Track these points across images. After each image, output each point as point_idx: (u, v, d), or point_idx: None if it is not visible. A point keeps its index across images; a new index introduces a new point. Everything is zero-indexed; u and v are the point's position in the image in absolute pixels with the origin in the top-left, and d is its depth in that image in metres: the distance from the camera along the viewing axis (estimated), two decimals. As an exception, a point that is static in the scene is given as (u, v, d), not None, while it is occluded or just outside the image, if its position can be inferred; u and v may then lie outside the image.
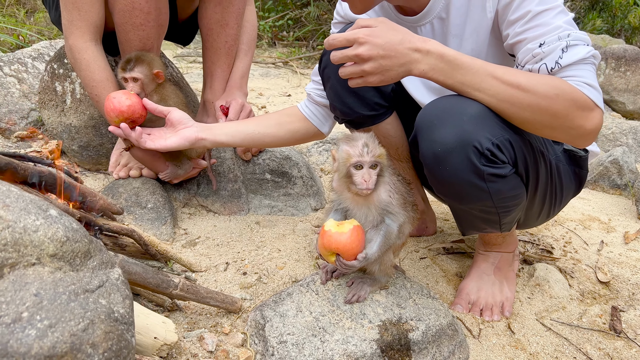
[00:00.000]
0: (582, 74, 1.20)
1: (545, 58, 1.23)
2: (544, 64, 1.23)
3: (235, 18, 2.13)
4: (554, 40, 1.21)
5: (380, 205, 1.33)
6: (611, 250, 2.06)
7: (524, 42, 1.26)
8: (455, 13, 1.41)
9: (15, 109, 2.51)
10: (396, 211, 1.32)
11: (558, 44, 1.21)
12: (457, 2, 1.39)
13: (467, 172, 1.23)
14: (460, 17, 1.41)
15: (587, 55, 1.21)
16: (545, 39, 1.22)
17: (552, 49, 1.21)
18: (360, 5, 1.40)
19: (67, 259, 0.88)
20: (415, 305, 1.45)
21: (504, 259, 1.71)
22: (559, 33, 1.22)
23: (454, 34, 1.43)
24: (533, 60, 1.25)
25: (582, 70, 1.21)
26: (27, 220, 0.86)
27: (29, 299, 0.79)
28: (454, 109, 1.24)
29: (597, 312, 1.70)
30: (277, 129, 1.77)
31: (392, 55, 1.24)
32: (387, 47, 1.22)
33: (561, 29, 1.22)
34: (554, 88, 1.19)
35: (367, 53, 1.23)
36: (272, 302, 1.44)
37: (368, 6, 1.40)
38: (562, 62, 1.20)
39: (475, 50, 1.41)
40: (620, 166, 2.58)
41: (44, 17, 4.65)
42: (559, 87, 1.19)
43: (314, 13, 5.63)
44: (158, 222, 1.88)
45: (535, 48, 1.23)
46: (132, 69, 1.76)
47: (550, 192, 1.48)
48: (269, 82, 4.52)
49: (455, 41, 1.44)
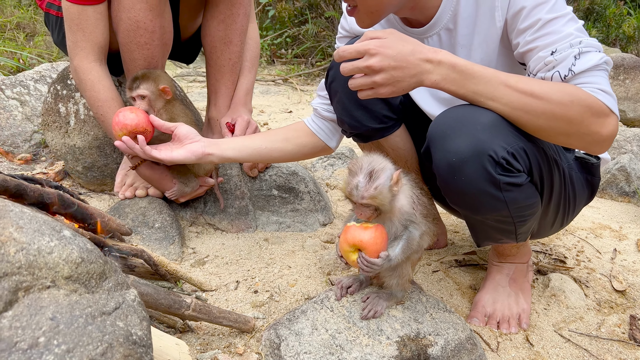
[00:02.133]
0: (596, 80, 1.19)
1: (558, 66, 1.22)
2: (557, 71, 1.22)
3: (239, 35, 2.13)
4: (566, 47, 1.21)
5: (403, 217, 1.30)
6: (625, 259, 2.03)
7: (535, 51, 1.25)
8: (463, 23, 1.40)
9: (17, 131, 2.50)
10: (419, 221, 1.30)
11: (570, 51, 1.20)
12: (465, 12, 1.39)
13: (482, 182, 1.21)
14: (468, 27, 1.40)
15: (599, 61, 1.20)
16: (557, 47, 1.21)
17: (564, 56, 1.20)
18: (368, 20, 1.39)
19: (83, 280, 0.86)
20: (433, 319, 1.42)
21: (519, 270, 1.68)
22: (571, 40, 1.21)
23: (462, 44, 1.42)
24: (545, 68, 1.24)
25: (596, 76, 1.20)
26: (41, 241, 0.83)
27: (45, 324, 0.77)
28: (467, 118, 1.22)
29: (616, 321, 1.67)
30: (285, 144, 1.76)
31: (403, 66, 1.23)
32: (398, 58, 1.21)
33: (572, 36, 1.21)
34: (569, 95, 1.18)
35: (378, 64, 1.21)
36: (286, 321, 1.41)
37: (375, 20, 1.39)
38: (575, 69, 1.19)
39: (484, 60, 1.40)
40: (628, 173, 2.56)
41: (43, 40, 4.67)
42: (573, 93, 1.18)
43: (312, 30, 5.66)
44: (166, 241, 1.85)
45: (547, 56, 1.23)
46: (138, 86, 1.75)
47: (564, 200, 1.46)
48: (270, 99, 4.52)
49: (463, 51, 1.43)
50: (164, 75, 1.84)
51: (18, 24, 4.70)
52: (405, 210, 1.29)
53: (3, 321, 0.75)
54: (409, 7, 1.41)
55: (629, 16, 6.74)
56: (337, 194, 2.51)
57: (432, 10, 1.42)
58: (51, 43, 4.76)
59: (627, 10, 6.94)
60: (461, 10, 1.39)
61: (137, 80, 1.76)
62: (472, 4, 1.37)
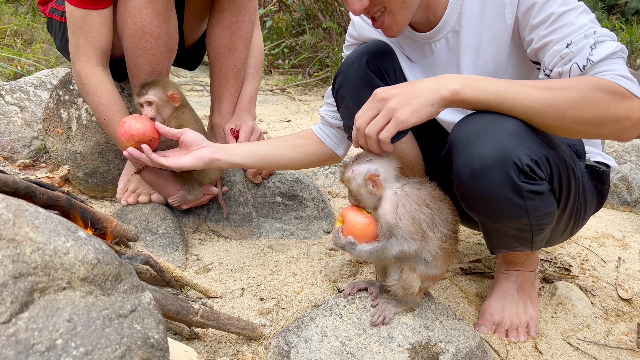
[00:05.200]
0: (615, 67, 1.18)
1: (575, 57, 1.21)
2: (574, 63, 1.21)
3: (244, 42, 2.13)
4: (581, 39, 1.20)
5: (386, 225, 1.29)
6: (629, 267, 2.03)
7: (550, 45, 1.25)
8: (467, 24, 1.40)
9: (17, 137, 2.47)
10: (401, 236, 1.27)
11: (586, 42, 1.20)
12: (469, 12, 1.38)
13: (506, 189, 1.19)
14: (472, 27, 1.39)
15: (616, 49, 1.19)
16: (572, 39, 1.21)
17: (580, 47, 1.20)
18: (401, 15, 1.36)
19: (98, 282, 0.84)
20: (443, 326, 1.41)
21: (526, 278, 1.67)
22: (585, 31, 1.21)
23: (468, 45, 1.42)
24: (562, 61, 1.23)
25: (614, 64, 1.19)
26: (57, 242, 0.81)
27: (62, 325, 0.75)
28: (491, 124, 1.21)
29: (623, 329, 1.66)
30: (293, 151, 1.75)
31: (414, 87, 1.24)
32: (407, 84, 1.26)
33: (586, 27, 1.21)
34: (588, 83, 1.17)
35: (386, 93, 1.26)
36: (294, 328, 1.39)
37: (408, 15, 1.37)
38: (593, 58, 1.19)
39: (496, 59, 1.40)
40: (629, 183, 2.57)
41: (41, 47, 4.65)
42: (591, 81, 1.17)
43: (310, 41, 5.67)
44: (170, 248, 1.83)
45: (563, 49, 1.22)
46: (146, 92, 1.74)
47: (576, 208, 1.45)
48: (268, 108, 4.52)
49: (469, 53, 1.42)
50: (173, 83, 1.83)
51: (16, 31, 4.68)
52: (386, 219, 1.28)
53: (19, 322, 0.73)
54: (423, 6, 1.41)
55: (621, 30, 6.83)
56: (339, 202, 2.50)
57: (442, 10, 1.41)
58: (49, 50, 4.74)
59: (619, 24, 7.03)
60: (465, 11, 1.39)
61: (145, 87, 1.75)
62: (477, 3, 1.37)
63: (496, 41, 1.39)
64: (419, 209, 1.28)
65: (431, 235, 1.28)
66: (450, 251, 1.33)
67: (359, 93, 1.56)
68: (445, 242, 1.31)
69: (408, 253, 1.29)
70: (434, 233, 1.29)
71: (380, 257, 1.31)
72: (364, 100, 1.56)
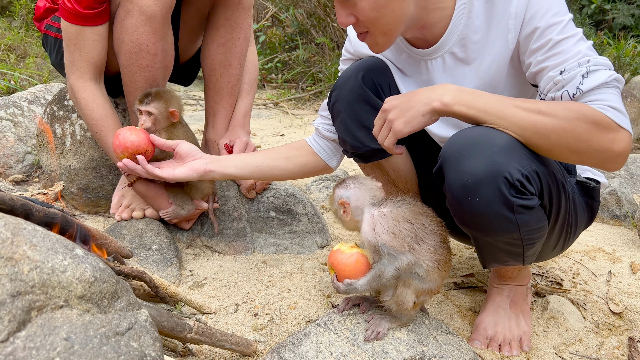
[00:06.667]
0: (605, 97, 1.21)
1: (566, 85, 1.24)
2: (565, 90, 1.24)
3: (239, 59, 2.16)
4: (574, 67, 1.23)
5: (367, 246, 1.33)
6: (620, 281, 2.06)
7: (545, 70, 1.28)
8: (474, 47, 1.43)
9: (10, 152, 2.47)
10: (388, 253, 1.28)
11: (578, 70, 1.23)
12: (475, 36, 1.42)
13: (497, 204, 1.22)
14: (478, 50, 1.43)
15: (608, 79, 1.22)
16: (565, 66, 1.24)
17: (572, 75, 1.23)
18: (383, 41, 1.41)
19: (95, 300, 0.84)
20: (437, 341, 1.41)
21: (519, 292, 1.69)
22: (579, 59, 1.24)
23: (470, 66, 1.45)
24: (555, 88, 1.27)
25: (605, 93, 1.21)
26: (54, 260, 0.82)
27: (59, 344, 0.75)
28: (482, 139, 1.23)
29: (615, 343, 1.67)
30: (286, 162, 1.77)
31: (410, 98, 1.33)
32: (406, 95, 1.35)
33: (581, 54, 1.24)
34: (574, 112, 1.20)
35: (387, 104, 1.36)
36: (289, 344, 1.39)
37: (390, 41, 1.42)
38: (583, 87, 1.22)
39: (494, 81, 1.43)
40: (619, 197, 2.61)
41: (34, 62, 4.66)
42: (578, 110, 1.20)
43: (303, 56, 5.72)
44: (164, 263, 1.83)
45: (557, 76, 1.25)
46: (149, 103, 1.75)
47: (567, 224, 1.47)
48: (261, 122, 4.54)
49: (470, 73, 1.46)
50: (176, 98, 1.83)
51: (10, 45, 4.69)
52: (366, 238, 1.31)
53: (17, 342, 0.73)
54: (418, 26, 1.44)
55: (608, 45, 6.94)
56: (333, 216, 2.51)
57: (441, 30, 1.45)
58: (42, 64, 4.75)
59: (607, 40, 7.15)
60: (471, 35, 1.42)
61: (149, 97, 1.76)
62: (483, 28, 1.40)
63: (496, 64, 1.42)
64: (399, 225, 1.29)
65: (418, 249, 1.29)
66: (443, 262, 1.34)
67: (354, 108, 1.59)
68: (436, 253, 1.31)
69: (402, 268, 1.30)
70: (421, 246, 1.30)
71: (381, 282, 1.33)
72: (359, 114, 1.59)
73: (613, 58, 6.86)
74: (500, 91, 1.44)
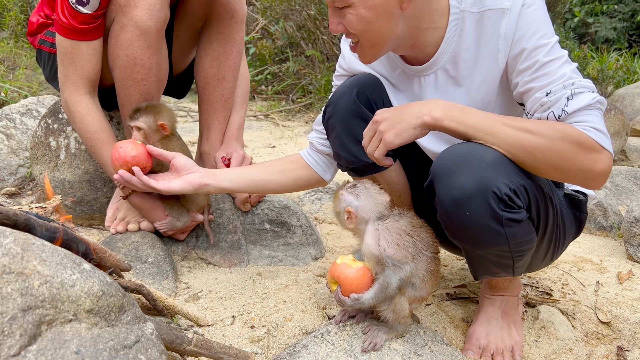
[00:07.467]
0: (588, 118, 1.26)
1: (552, 107, 1.29)
2: (551, 112, 1.29)
3: (232, 72, 2.19)
4: (559, 89, 1.28)
5: (370, 258, 1.35)
6: (607, 291, 2.10)
7: (532, 91, 1.33)
8: (464, 65, 1.48)
9: (3, 165, 2.47)
10: (393, 264, 1.33)
11: (563, 92, 1.28)
12: (466, 54, 1.46)
13: (486, 217, 1.26)
14: (468, 69, 1.48)
15: (592, 101, 1.27)
16: (551, 88, 1.29)
17: (558, 97, 1.28)
18: (370, 53, 1.47)
19: (103, 314, 0.86)
20: (432, 352, 1.44)
21: (510, 303, 1.73)
22: (564, 82, 1.29)
23: (461, 84, 1.50)
24: (541, 109, 1.32)
25: (588, 115, 1.27)
26: (64, 274, 0.83)
27: (70, 357, 0.76)
28: (471, 155, 1.28)
29: (603, 352, 1.71)
30: (280, 176, 1.79)
31: (402, 110, 1.37)
32: (398, 107, 1.39)
33: (566, 77, 1.29)
34: (559, 132, 1.25)
35: (379, 116, 1.39)
36: (287, 355, 1.41)
37: (376, 54, 1.48)
38: (568, 109, 1.27)
39: (485, 99, 1.48)
40: (605, 208, 2.67)
41: (24, 73, 4.64)
42: (563, 130, 1.25)
43: (293, 68, 5.78)
44: (160, 276, 1.84)
45: (543, 97, 1.30)
46: (138, 118, 1.77)
47: (555, 236, 1.52)
48: (252, 134, 4.57)
49: (461, 92, 1.50)
50: (166, 111, 1.85)
51: (0, 57, 4.68)
52: (370, 251, 1.34)
53: (28, 355, 0.74)
54: (408, 44, 1.48)
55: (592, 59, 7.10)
56: (326, 228, 2.54)
57: (432, 49, 1.49)
58: (32, 76, 4.73)
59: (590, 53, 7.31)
60: (462, 53, 1.47)
61: (138, 112, 1.78)
62: (473, 47, 1.45)
63: (487, 83, 1.47)
64: (401, 238, 1.34)
65: (417, 260, 1.35)
66: (435, 272, 1.40)
67: (349, 123, 1.62)
68: (431, 265, 1.38)
69: (405, 278, 1.35)
70: (420, 258, 1.36)
71: (387, 293, 1.36)
72: (354, 130, 1.62)
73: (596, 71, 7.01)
74: (491, 109, 1.49)
